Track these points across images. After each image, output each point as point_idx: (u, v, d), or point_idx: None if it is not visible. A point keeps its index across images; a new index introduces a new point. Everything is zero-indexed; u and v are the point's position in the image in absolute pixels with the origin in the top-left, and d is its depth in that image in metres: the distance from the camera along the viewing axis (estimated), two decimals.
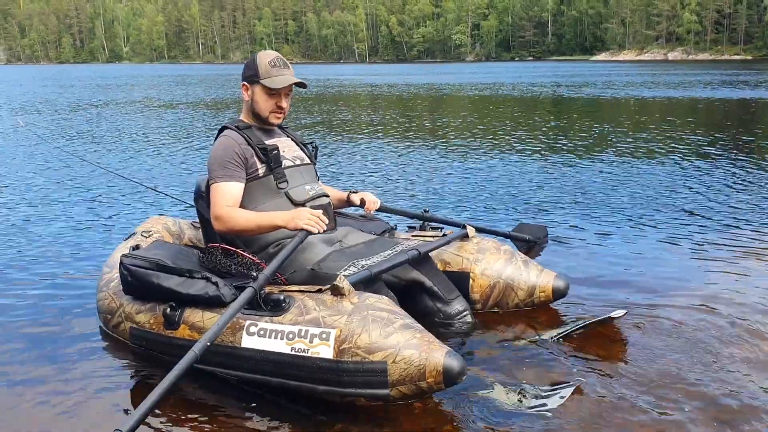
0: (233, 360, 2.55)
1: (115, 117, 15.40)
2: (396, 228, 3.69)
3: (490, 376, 2.68)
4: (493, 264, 3.30)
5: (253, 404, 2.52)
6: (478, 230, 3.74)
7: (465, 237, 3.45)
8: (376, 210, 3.43)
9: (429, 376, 2.30)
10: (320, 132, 11.96)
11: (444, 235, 3.48)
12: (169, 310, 2.73)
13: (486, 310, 3.32)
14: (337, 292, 2.50)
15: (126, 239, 3.56)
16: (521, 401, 2.46)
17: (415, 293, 3.15)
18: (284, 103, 3.08)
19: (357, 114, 15.69)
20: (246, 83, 3.09)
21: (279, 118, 3.11)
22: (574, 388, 2.52)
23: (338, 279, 2.53)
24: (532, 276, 3.29)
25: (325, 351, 2.37)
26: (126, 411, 2.51)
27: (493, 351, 2.93)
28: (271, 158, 2.99)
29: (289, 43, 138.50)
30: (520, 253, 3.47)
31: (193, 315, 2.70)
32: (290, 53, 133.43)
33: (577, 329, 3.02)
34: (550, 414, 2.38)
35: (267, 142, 3.04)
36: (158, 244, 3.18)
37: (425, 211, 3.81)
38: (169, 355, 2.69)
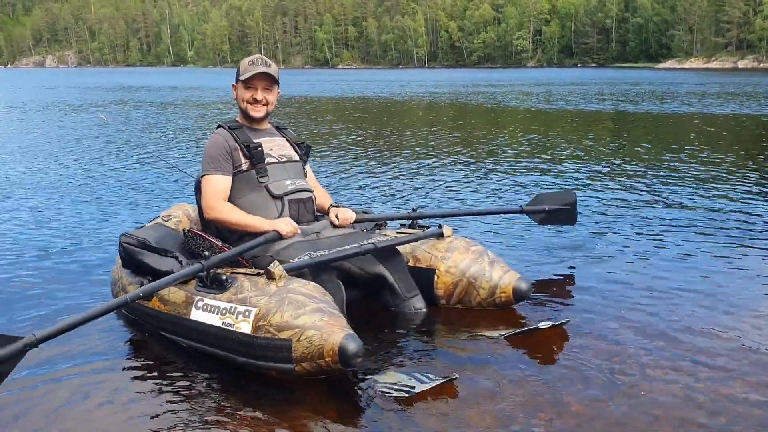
0: (183, 330, 2.93)
1: (162, 113, 16.46)
2: (386, 225, 3.75)
3: (393, 363, 2.83)
4: (458, 262, 3.40)
5: (216, 384, 2.74)
6: (489, 214, 4.51)
7: (440, 236, 3.53)
8: (353, 222, 3.46)
9: (327, 355, 2.49)
10: (330, 140, 12.11)
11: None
12: (146, 283, 3.01)
13: (450, 306, 3.42)
14: (269, 275, 2.75)
15: (150, 222, 3.80)
16: (395, 384, 2.56)
17: (378, 287, 3.33)
18: (260, 96, 3.32)
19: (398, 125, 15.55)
20: (233, 84, 3.42)
21: (258, 110, 3.34)
22: (444, 380, 2.56)
23: (272, 264, 2.78)
24: (495, 276, 3.34)
25: (245, 327, 2.67)
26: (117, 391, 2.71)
27: (422, 343, 3.06)
28: (254, 154, 3.26)
29: (349, 48, 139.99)
30: (490, 253, 3.49)
31: (163, 289, 2.97)
32: (350, 59, 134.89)
33: (509, 334, 3.04)
34: (406, 395, 2.47)
35: (254, 140, 3.31)
36: (155, 226, 3.46)
37: (413, 209, 3.86)
38: (145, 322, 3.20)
